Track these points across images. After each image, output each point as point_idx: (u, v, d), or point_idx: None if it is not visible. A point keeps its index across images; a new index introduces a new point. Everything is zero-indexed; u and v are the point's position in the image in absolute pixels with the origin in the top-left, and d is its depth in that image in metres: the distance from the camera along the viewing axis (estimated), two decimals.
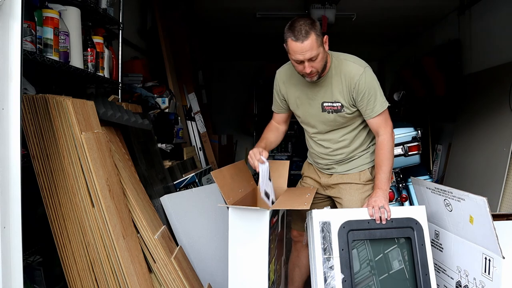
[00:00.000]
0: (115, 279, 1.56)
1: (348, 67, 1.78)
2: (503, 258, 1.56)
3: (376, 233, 1.73)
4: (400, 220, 1.75)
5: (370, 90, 1.77)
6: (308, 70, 1.69)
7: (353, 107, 1.83)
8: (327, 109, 1.83)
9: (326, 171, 1.99)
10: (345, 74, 1.78)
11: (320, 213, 1.71)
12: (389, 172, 1.81)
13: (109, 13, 2.29)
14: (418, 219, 1.77)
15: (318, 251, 1.67)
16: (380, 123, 1.82)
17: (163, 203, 2.27)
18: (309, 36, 1.63)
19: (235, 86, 7.62)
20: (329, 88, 1.81)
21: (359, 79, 1.75)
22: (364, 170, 1.94)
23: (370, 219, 1.73)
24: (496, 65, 3.83)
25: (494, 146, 3.57)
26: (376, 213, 1.71)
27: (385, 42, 6.60)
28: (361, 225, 1.72)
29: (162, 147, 2.85)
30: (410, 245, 1.76)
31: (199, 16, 5.00)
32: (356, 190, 1.92)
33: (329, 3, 4.40)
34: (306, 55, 1.65)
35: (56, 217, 1.53)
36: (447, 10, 4.80)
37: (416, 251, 1.74)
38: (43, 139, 1.51)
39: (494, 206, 3.27)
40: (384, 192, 1.76)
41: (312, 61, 1.68)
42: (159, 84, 3.41)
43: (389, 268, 1.76)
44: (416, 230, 1.75)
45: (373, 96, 1.78)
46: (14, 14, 1.18)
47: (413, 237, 1.75)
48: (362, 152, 1.95)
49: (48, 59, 1.64)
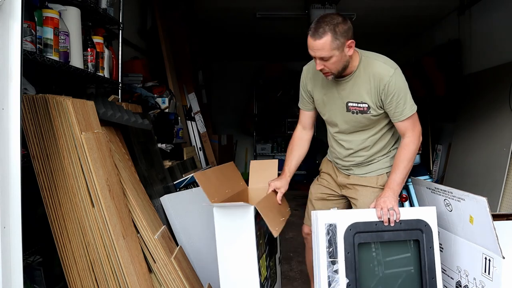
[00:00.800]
0: (115, 279, 1.56)
1: (378, 68, 1.73)
2: (503, 258, 1.56)
3: (384, 235, 1.68)
4: (409, 222, 1.70)
5: (400, 92, 1.72)
6: (318, 68, 1.69)
7: (380, 109, 1.78)
8: (352, 109, 1.79)
9: (344, 171, 1.97)
10: (374, 75, 1.73)
11: (326, 214, 1.66)
12: (405, 174, 1.76)
13: (109, 13, 2.29)
14: (428, 220, 1.72)
15: (322, 254, 1.63)
16: (408, 126, 1.77)
17: (163, 203, 2.27)
18: (323, 36, 1.61)
19: (235, 86, 7.63)
20: (356, 88, 1.77)
21: (389, 80, 1.70)
22: (382, 174, 1.90)
23: (378, 220, 1.67)
24: (496, 65, 3.84)
25: (494, 146, 3.57)
26: (385, 215, 1.66)
27: (385, 42, 6.59)
28: (368, 227, 1.66)
29: (162, 147, 2.85)
30: (418, 247, 1.71)
31: (199, 16, 5.00)
32: (372, 193, 1.88)
33: (329, 3, 4.40)
34: (316, 53, 1.65)
35: (56, 217, 1.53)
36: (447, 10, 4.81)
37: (424, 254, 1.69)
38: (43, 139, 1.51)
39: (494, 206, 3.27)
40: (394, 193, 1.72)
41: (324, 61, 1.66)
42: (159, 84, 3.41)
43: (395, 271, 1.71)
44: (425, 233, 1.70)
45: (403, 99, 1.73)
46: (14, 14, 1.17)
47: (421, 239, 1.70)
48: (382, 156, 1.91)
49: (48, 59, 1.64)
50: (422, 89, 5.17)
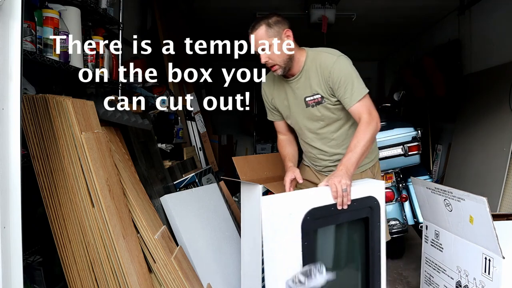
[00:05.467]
0: (115, 279, 1.56)
1: (322, 58, 1.78)
2: (503, 258, 1.56)
3: (339, 217, 1.55)
4: (361, 200, 1.59)
5: (346, 76, 1.74)
6: (263, 60, 1.74)
7: (333, 97, 1.80)
8: (310, 103, 1.83)
9: (325, 173, 1.98)
10: (320, 65, 1.77)
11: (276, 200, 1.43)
12: (360, 155, 1.64)
13: (109, 13, 2.29)
14: (377, 196, 1.64)
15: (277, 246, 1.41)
16: (362, 109, 1.72)
17: (163, 203, 2.27)
18: (258, 28, 1.72)
19: (235, 86, 7.62)
20: (308, 82, 1.81)
21: (333, 67, 1.74)
22: (365, 170, 1.92)
23: (334, 203, 1.53)
24: (496, 65, 3.84)
25: (494, 146, 3.57)
26: (339, 198, 1.53)
27: (385, 42, 6.60)
28: (325, 212, 1.49)
29: (162, 147, 2.84)
30: (367, 224, 1.62)
31: (199, 16, 5.00)
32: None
33: (329, 3, 4.40)
34: (258, 46, 1.73)
35: (56, 217, 1.53)
36: (447, 10, 4.81)
37: (373, 231, 1.62)
38: (43, 139, 1.51)
39: (494, 206, 3.27)
40: (348, 171, 1.59)
41: (265, 52, 1.73)
42: (159, 84, 3.40)
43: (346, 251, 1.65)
44: (374, 209, 1.63)
45: (350, 82, 1.73)
46: (14, 14, 1.17)
47: (371, 216, 1.62)
48: None
49: (48, 59, 1.64)
50: (422, 89, 5.18)
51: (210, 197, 2.54)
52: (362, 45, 6.72)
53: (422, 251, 2.16)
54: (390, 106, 3.67)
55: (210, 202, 2.53)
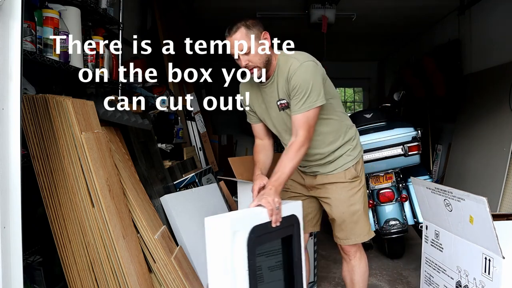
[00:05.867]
0: (115, 279, 1.56)
1: (289, 62, 1.73)
2: (503, 258, 1.56)
3: (273, 234, 1.60)
4: (287, 218, 1.64)
5: (302, 83, 1.68)
6: (243, 63, 1.71)
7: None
8: (280, 107, 1.81)
9: (310, 173, 1.96)
10: (288, 70, 1.74)
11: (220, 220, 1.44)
12: (289, 174, 1.70)
13: (109, 13, 2.29)
14: (297, 214, 1.69)
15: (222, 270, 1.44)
16: (302, 124, 1.71)
17: (163, 203, 2.27)
18: (237, 30, 1.68)
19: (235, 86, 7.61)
20: (278, 86, 1.79)
21: (294, 72, 1.70)
22: (349, 168, 1.90)
23: (269, 221, 1.56)
24: (496, 65, 3.84)
25: (494, 146, 3.57)
26: (274, 216, 1.57)
27: (385, 42, 6.60)
28: (265, 229, 1.53)
29: (162, 147, 2.85)
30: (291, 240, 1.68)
31: (199, 16, 5.00)
32: (343, 188, 1.89)
33: (329, 3, 4.41)
34: (237, 48, 1.69)
35: (56, 217, 1.53)
36: (447, 10, 4.81)
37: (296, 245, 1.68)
38: (43, 139, 1.51)
39: (494, 206, 3.27)
40: (277, 190, 1.63)
41: (246, 55, 1.70)
42: (159, 84, 3.41)
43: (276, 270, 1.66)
44: (295, 227, 1.68)
45: (304, 91, 1.68)
46: (14, 14, 1.17)
47: (294, 234, 1.68)
48: (342, 150, 1.89)
49: (48, 59, 1.64)
50: (422, 89, 5.18)
51: (210, 197, 2.54)
52: (362, 45, 6.72)
53: (422, 251, 2.16)
54: (390, 106, 3.66)
55: (210, 202, 2.54)
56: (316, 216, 2.04)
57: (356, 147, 1.93)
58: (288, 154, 1.71)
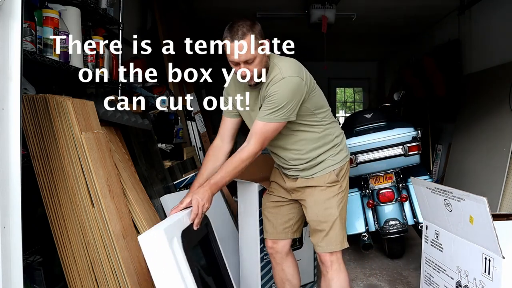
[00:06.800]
0: (115, 279, 1.56)
1: (275, 71, 1.66)
2: (503, 258, 1.56)
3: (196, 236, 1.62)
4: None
5: (278, 98, 1.61)
6: (243, 73, 1.63)
7: None
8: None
9: (291, 176, 1.93)
10: (270, 77, 1.67)
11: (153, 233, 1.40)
12: (227, 180, 1.67)
13: (109, 13, 2.29)
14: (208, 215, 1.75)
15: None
16: (259, 132, 1.66)
17: (163, 203, 2.27)
18: (245, 37, 1.57)
19: None
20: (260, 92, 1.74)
21: (274, 83, 1.63)
22: (329, 172, 1.85)
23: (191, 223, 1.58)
24: (496, 65, 3.84)
25: (494, 146, 3.57)
26: (197, 219, 1.56)
27: (385, 42, 6.60)
28: (190, 232, 1.55)
29: (162, 147, 2.85)
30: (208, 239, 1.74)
31: (199, 16, 5.00)
32: (321, 191, 1.85)
33: (329, 3, 4.41)
34: (241, 57, 1.59)
35: (56, 217, 1.53)
36: (447, 10, 4.81)
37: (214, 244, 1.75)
38: (43, 139, 1.51)
39: (494, 206, 3.27)
40: (212, 194, 1.62)
41: (248, 64, 1.61)
42: (159, 84, 3.41)
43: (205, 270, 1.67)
44: (208, 226, 1.75)
45: (277, 105, 1.62)
46: (14, 14, 1.17)
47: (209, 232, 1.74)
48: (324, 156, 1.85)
49: (48, 59, 1.64)
50: (422, 89, 5.18)
51: None
52: (362, 45, 6.72)
53: (422, 251, 2.16)
54: (390, 106, 3.66)
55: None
56: (297, 222, 2.01)
57: (340, 152, 1.88)
58: (234, 160, 1.67)
